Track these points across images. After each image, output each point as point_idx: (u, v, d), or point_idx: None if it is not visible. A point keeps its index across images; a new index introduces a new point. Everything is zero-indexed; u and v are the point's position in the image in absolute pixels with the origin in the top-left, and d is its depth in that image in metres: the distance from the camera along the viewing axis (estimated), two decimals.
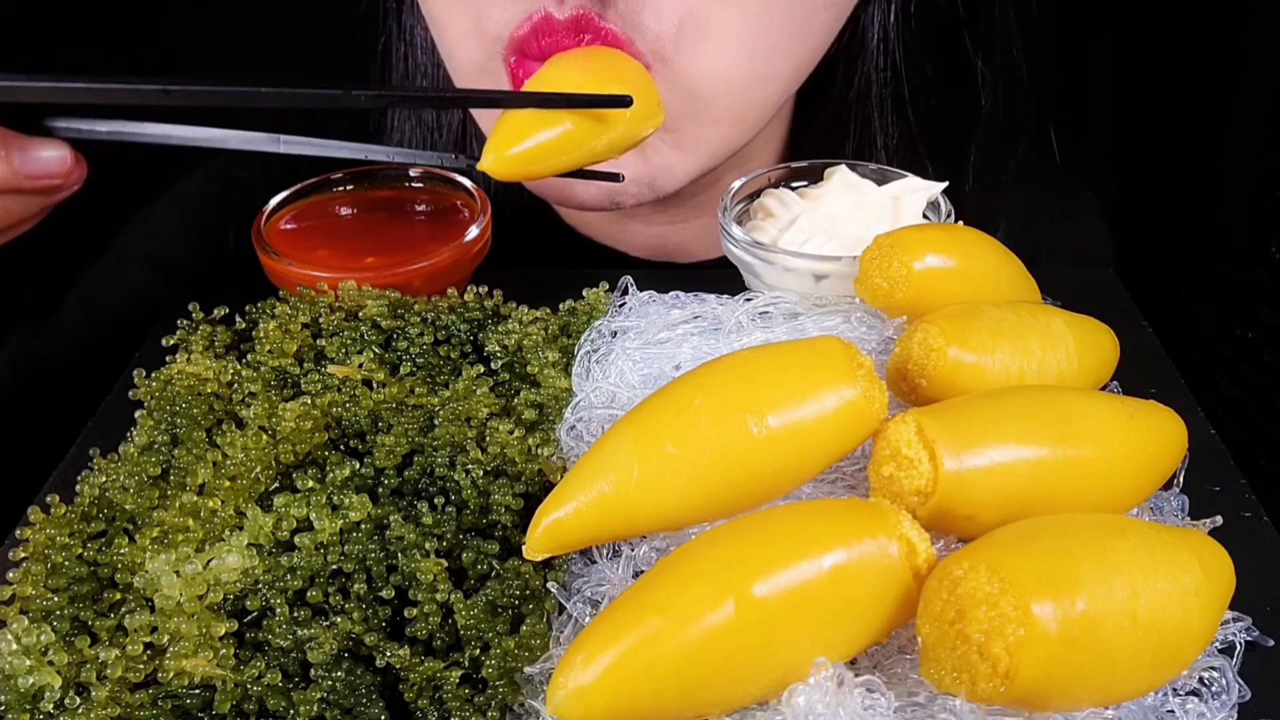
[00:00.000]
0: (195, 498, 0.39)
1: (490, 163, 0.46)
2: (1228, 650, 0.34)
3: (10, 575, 0.38)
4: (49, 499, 0.40)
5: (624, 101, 0.47)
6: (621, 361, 0.46)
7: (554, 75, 0.48)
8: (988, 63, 0.63)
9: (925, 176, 0.53)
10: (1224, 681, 0.33)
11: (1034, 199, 0.69)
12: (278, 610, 0.36)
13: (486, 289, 0.51)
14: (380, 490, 0.41)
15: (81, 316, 0.67)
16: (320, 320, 0.48)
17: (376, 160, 0.50)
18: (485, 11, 0.52)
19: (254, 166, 0.70)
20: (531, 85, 0.48)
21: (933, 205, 0.52)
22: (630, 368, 0.46)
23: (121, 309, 0.65)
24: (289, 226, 0.55)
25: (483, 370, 0.46)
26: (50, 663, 0.34)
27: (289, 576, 0.37)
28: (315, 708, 0.34)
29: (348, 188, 0.58)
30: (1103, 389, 0.44)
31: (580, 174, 0.49)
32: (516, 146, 0.46)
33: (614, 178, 0.52)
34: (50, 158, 0.43)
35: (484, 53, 0.53)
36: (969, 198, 0.64)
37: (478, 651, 0.35)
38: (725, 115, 0.55)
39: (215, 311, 0.49)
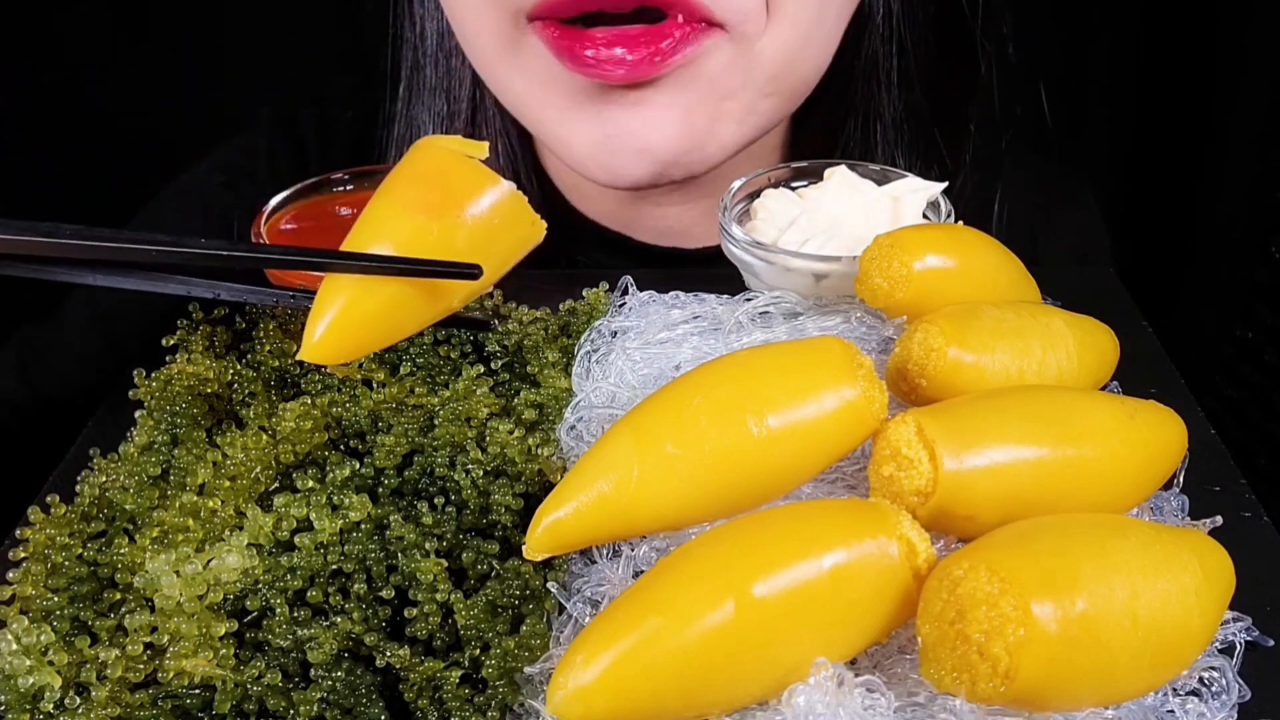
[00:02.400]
0: (195, 498, 0.39)
1: (312, 349, 0.39)
2: (1228, 650, 0.34)
3: (10, 575, 0.38)
4: (49, 499, 0.40)
5: (471, 273, 0.41)
6: (621, 361, 0.46)
7: (382, 221, 0.41)
8: (987, 35, 0.63)
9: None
10: (1224, 681, 0.33)
11: (1033, 194, 0.70)
12: (278, 610, 0.36)
13: None
14: (380, 490, 0.41)
15: (82, 315, 0.67)
16: None
17: (201, 297, 0.44)
18: None
19: (259, 158, 0.70)
20: (357, 235, 0.41)
21: (933, 205, 0.52)
22: (630, 368, 0.46)
23: (122, 308, 0.65)
24: (289, 226, 0.55)
25: (483, 370, 0.46)
26: (50, 663, 0.34)
27: (289, 576, 0.37)
28: (315, 708, 0.34)
29: (348, 188, 0.58)
30: (1103, 389, 0.44)
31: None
32: (343, 323, 0.40)
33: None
34: None
35: (509, 24, 0.52)
36: (967, 173, 0.64)
37: (478, 651, 0.35)
38: (783, 88, 0.55)
39: (215, 311, 0.49)
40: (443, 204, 0.41)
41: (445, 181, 0.42)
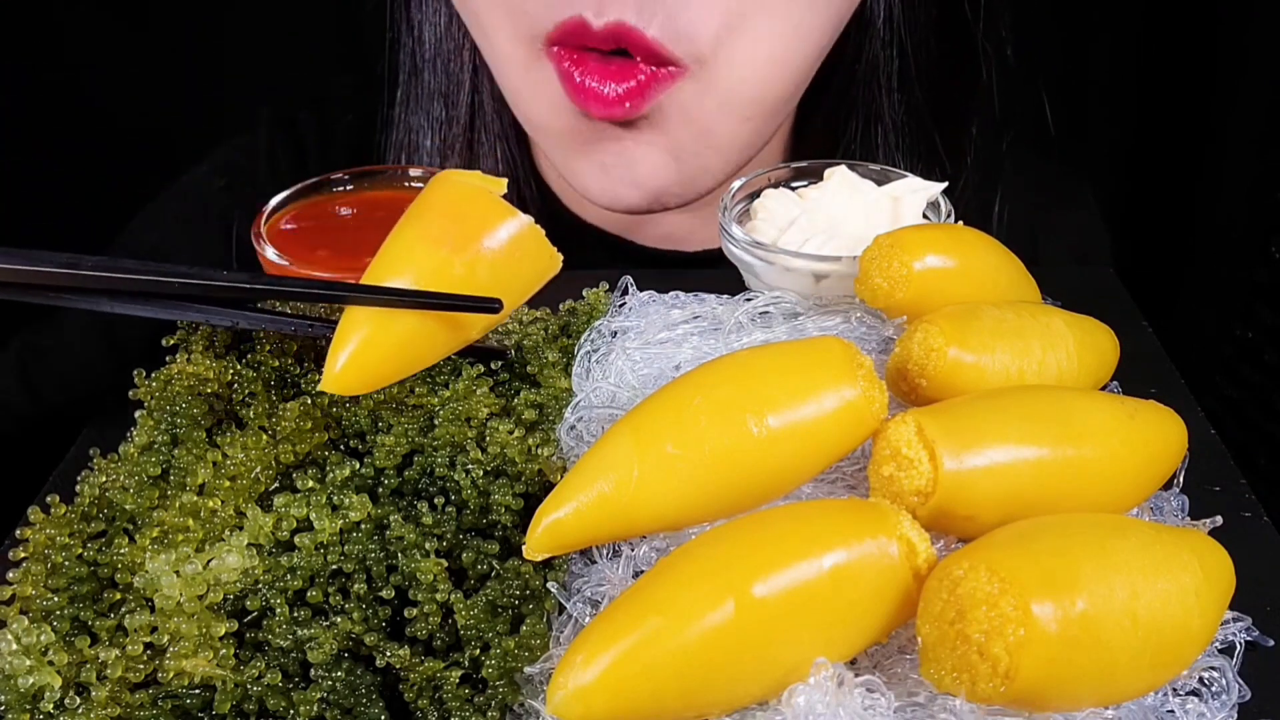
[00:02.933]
0: (195, 498, 0.39)
1: (333, 380, 0.39)
2: (1228, 650, 0.34)
3: (10, 575, 0.38)
4: (49, 499, 0.40)
5: (492, 306, 0.41)
6: (621, 361, 0.46)
7: (405, 253, 0.41)
8: (988, 38, 0.64)
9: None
10: (1224, 681, 0.33)
11: (1033, 195, 0.70)
12: (278, 610, 0.36)
13: None
14: (380, 490, 0.41)
15: (83, 316, 0.67)
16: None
17: (220, 325, 0.45)
18: (518, 9, 0.52)
19: (259, 159, 0.70)
20: (380, 266, 0.41)
21: (933, 205, 0.52)
22: (630, 368, 0.46)
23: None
24: (289, 226, 0.55)
25: (483, 370, 0.46)
26: (50, 663, 0.34)
27: (289, 576, 0.37)
28: (315, 708, 0.34)
29: (348, 188, 0.58)
30: (1103, 389, 0.44)
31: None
32: (364, 355, 0.40)
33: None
34: None
35: (525, 48, 0.54)
36: (968, 174, 0.64)
37: (478, 651, 0.35)
38: (759, 111, 0.56)
39: None
40: (464, 237, 0.41)
41: (466, 215, 0.42)
